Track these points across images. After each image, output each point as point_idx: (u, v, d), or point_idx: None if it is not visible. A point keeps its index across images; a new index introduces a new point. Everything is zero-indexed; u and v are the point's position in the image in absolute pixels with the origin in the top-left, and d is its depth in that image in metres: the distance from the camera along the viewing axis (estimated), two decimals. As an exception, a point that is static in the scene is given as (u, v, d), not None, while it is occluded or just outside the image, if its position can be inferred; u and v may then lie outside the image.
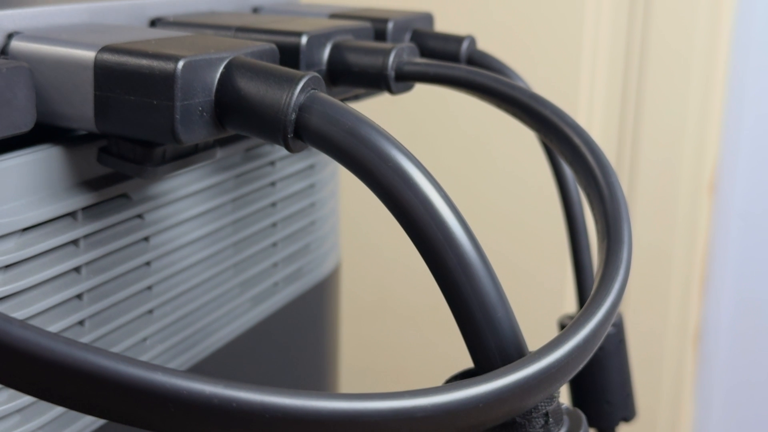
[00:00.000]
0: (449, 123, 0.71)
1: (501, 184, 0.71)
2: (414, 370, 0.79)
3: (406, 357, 0.79)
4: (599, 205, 0.24)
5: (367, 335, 0.79)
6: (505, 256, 0.72)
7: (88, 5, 0.27)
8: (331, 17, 0.33)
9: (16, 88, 0.21)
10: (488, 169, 0.71)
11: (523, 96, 0.26)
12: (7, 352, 0.15)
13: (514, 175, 0.70)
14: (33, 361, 0.15)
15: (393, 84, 0.28)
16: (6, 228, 0.22)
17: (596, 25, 0.66)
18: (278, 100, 0.22)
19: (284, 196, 0.34)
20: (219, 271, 0.31)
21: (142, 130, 0.23)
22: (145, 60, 0.22)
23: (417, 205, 0.21)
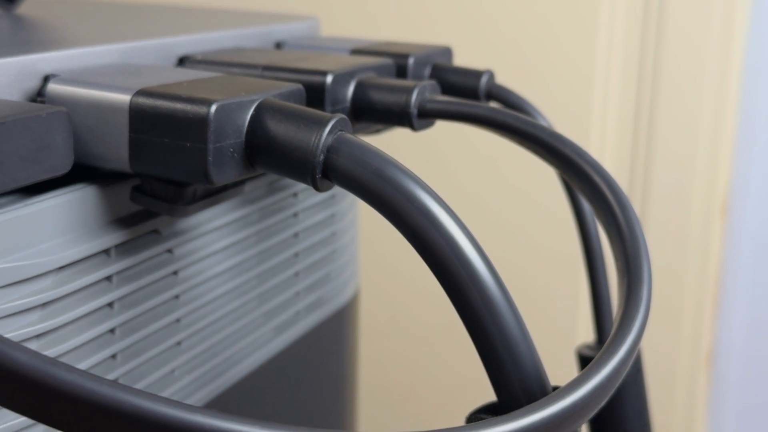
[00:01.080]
0: (462, 142, 0.71)
1: (514, 204, 0.71)
2: (426, 387, 0.79)
3: (419, 374, 0.79)
4: (619, 243, 0.24)
5: (380, 353, 0.79)
6: (519, 276, 0.73)
7: (119, 45, 0.28)
8: (353, 53, 0.34)
9: (56, 133, 0.22)
10: (501, 189, 0.71)
11: (543, 134, 0.27)
12: (56, 396, 0.16)
13: (527, 194, 0.71)
14: (82, 406, 0.16)
15: (416, 121, 0.29)
16: (44, 267, 0.23)
17: (609, 48, 0.66)
18: (307, 141, 0.23)
19: (306, 227, 0.35)
20: (244, 301, 0.32)
21: (175, 171, 0.23)
22: (178, 104, 0.23)
23: (442, 244, 0.22)
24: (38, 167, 0.22)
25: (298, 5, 0.73)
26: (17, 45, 0.27)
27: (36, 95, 0.25)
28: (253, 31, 0.34)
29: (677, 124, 0.68)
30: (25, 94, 0.24)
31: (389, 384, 0.79)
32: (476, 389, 0.76)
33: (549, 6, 0.66)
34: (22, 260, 0.22)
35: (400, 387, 0.80)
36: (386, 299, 0.78)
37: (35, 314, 0.23)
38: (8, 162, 0.21)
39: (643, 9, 0.67)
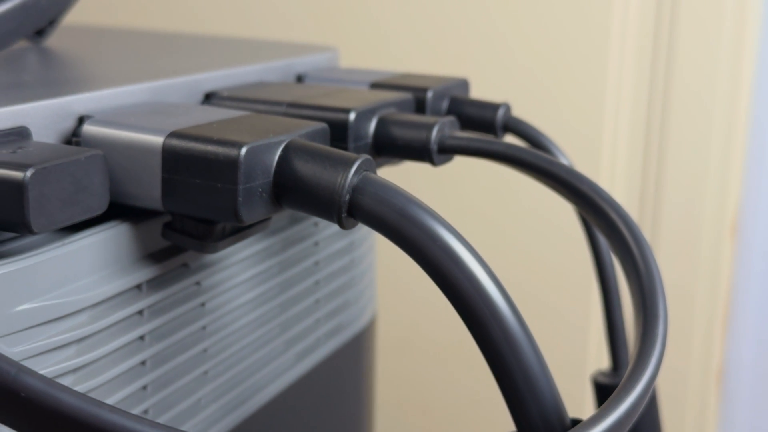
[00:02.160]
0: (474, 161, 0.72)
1: (526, 222, 0.72)
2: (438, 403, 0.80)
3: (431, 391, 0.80)
4: (636, 280, 0.25)
5: (394, 370, 0.80)
6: (531, 293, 0.73)
7: (148, 84, 0.28)
8: (373, 86, 0.35)
9: (93, 175, 0.23)
10: (513, 207, 0.72)
11: (561, 172, 0.28)
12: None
13: (539, 213, 0.71)
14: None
15: (435, 157, 0.30)
16: (81, 303, 0.24)
17: (620, 70, 0.67)
18: (333, 182, 0.24)
19: (326, 255, 0.36)
20: (267, 330, 0.32)
21: (206, 210, 0.24)
22: (210, 146, 0.24)
23: (464, 282, 0.23)
24: (77, 208, 0.23)
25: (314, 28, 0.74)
26: (51, 85, 0.28)
27: (71, 135, 0.25)
28: (275, 64, 0.35)
29: (687, 145, 0.68)
30: (60, 134, 0.25)
31: (402, 400, 0.80)
32: (488, 406, 0.77)
33: (560, 28, 0.67)
34: (60, 297, 0.23)
35: (412, 403, 0.80)
36: (399, 316, 0.79)
37: (72, 349, 0.24)
38: (49, 205, 0.22)
39: (653, 30, 0.67)
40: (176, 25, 0.80)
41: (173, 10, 0.80)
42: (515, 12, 0.68)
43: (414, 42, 0.72)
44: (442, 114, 0.35)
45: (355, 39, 0.73)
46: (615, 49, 0.66)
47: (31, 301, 0.22)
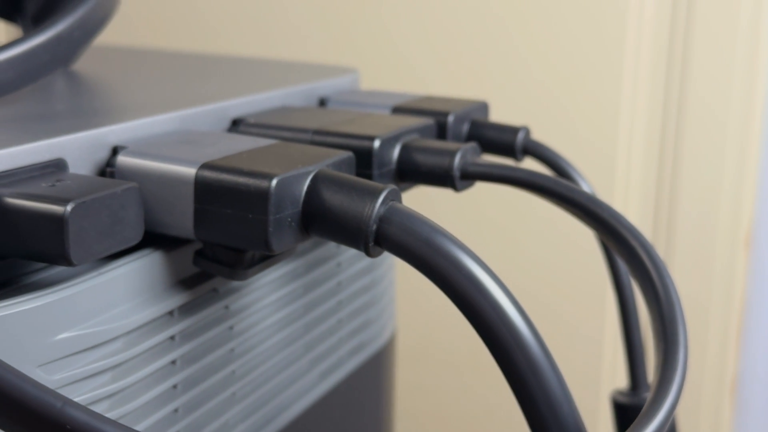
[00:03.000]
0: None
1: (541, 234, 0.73)
2: (453, 412, 0.80)
3: (446, 401, 0.80)
4: (656, 307, 0.26)
5: (408, 379, 0.81)
6: (546, 304, 0.74)
7: (178, 113, 0.29)
8: (395, 111, 0.35)
9: (129, 207, 0.24)
10: (527, 217, 0.73)
11: (581, 198, 0.28)
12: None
13: (554, 224, 0.72)
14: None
15: (458, 183, 0.30)
16: (116, 331, 0.24)
17: (634, 82, 0.67)
18: (360, 212, 0.24)
19: (349, 275, 0.36)
20: (292, 350, 0.33)
21: (237, 240, 0.25)
22: (241, 177, 0.24)
23: (488, 310, 0.23)
24: (113, 240, 0.23)
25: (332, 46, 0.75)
26: (84, 115, 0.29)
27: (105, 165, 0.26)
28: (298, 88, 0.36)
29: (702, 157, 0.69)
30: (95, 165, 0.26)
31: (416, 409, 0.81)
32: (502, 415, 0.77)
33: (575, 44, 0.67)
34: (97, 326, 0.24)
35: (427, 412, 0.81)
36: (413, 326, 0.79)
37: (107, 375, 0.24)
38: (87, 237, 0.22)
39: (667, 44, 0.68)
40: (195, 42, 0.81)
41: (192, 27, 0.81)
42: (530, 26, 0.68)
43: (429, 54, 0.72)
44: (463, 137, 0.36)
45: (372, 53, 0.74)
46: (630, 63, 0.67)
47: (70, 329, 0.23)
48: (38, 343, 0.22)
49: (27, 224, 0.22)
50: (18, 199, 0.22)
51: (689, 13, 0.67)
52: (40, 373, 0.22)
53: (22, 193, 0.22)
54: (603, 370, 0.75)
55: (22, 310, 0.22)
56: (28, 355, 0.22)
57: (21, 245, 0.22)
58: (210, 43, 0.80)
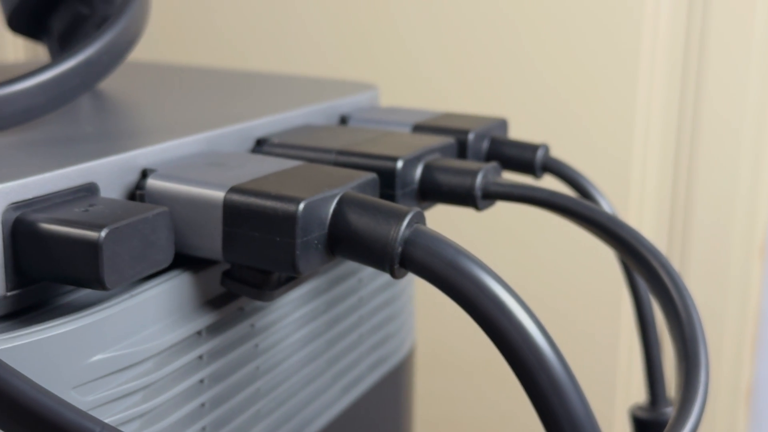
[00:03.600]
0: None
1: (556, 243, 0.73)
2: (466, 419, 0.81)
3: (460, 408, 0.81)
4: (677, 328, 0.26)
5: (422, 386, 0.81)
6: (562, 313, 0.74)
7: (205, 135, 0.30)
8: (415, 129, 0.36)
9: (160, 231, 0.24)
10: (542, 226, 0.73)
11: (602, 219, 0.29)
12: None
13: (568, 232, 0.72)
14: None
15: (479, 202, 0.31)
16: (147, 352, 0.25)
17: (649, 91, 0.68)
18: (386, 234, 0.25)
19: (370, 291, 0.37)
20: (315, 366, 0.33)
21: (264, 262, 0.25)
22: (269, 201, 0.25)
23: (512, 332, 0.24)
24: (145, 263, 0.24)
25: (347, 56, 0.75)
26: (114, 138, 0.29)
27: (135, 188, 0.27)
28: (320, 107, 0.36)
29: (717, 166, 0.69)
30: (125, 188, 0.26)
31: (432, 417, 0.81)
32: (516, 422, 0.77)
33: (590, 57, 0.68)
34: (129, 347, 0.24)
35: (442, 420, 0.81)
36: (429, 335, 0.79)
37: (138, 395, 0.25)
38: (120, 261, 0.23)
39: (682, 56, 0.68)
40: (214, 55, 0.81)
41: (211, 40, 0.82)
42: (544, 35, 0.69)
43: (444, 64, 0.73)
44: (483, 154, 0.36)
45: (388, 65, 0.74)
46: (644, 72, 0.67)
47: (104, 351, 0.24)
48: (73, 366, 0.23)
49: (61, 249, 0.23)
50: (53, 224, 0.23)
51: (704, 22, 0.67)
52: (74, 394, 0.23)
53: (57, 218, 0.23)
54: (618, 378, 0.75)
55: (58, 334, 0.22)
56: (62, 378, 0.23)
57: (55, 269, 0.23)
58: (229, 56, 0.81)
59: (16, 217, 0.23)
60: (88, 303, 0.24)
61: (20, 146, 0.27)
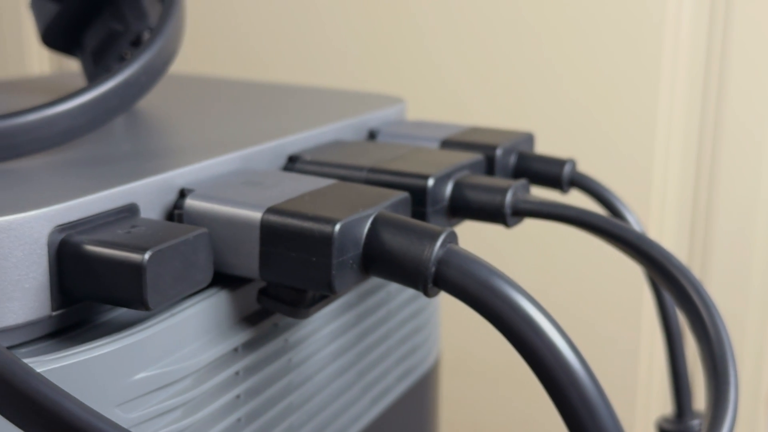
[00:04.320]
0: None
1: (577, 249, 0.73)
2: (489, 425, 0.81)
3: (483, 413, 0.81)
4: (706, 346, 0.26)
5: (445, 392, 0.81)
6: (583, 319, 0.74)
7: (239, 153, 0.30)
8: (443, 144, 0.36)
9: (200, 252, 0.25)
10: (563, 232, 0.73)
11: (631, 237, 0.29)
12: None
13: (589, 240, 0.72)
14: None
15: (509, 219, 0.31)
16: (187, 370, 0.25)
17: (671, 97, 0.68)
18: (419, 254, 0.25)
19: (398, 304, 0.37)
20: (345, 379, 0.34)
21: (300, 281, 0.26)
22: (305, 222, 0.25)
23: (544, 351, 0.24)
24: (186, 284, 0.24)
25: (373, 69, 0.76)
26: (152, 158, 0.30)
27: (173, 208, 0.27)
28: (349, 122, 0.37)
29: (738, 174, 0.69)
30: (164, 208, 0.27)
31: (453, 422, 0.81)
32: (538, 428, 0.78)
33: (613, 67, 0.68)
34: (169, 365, 0.25)
35: (464, 424, 0.82)
36: (451, 340, 0.80)
37: (178, 412, 0.25)
38: (162, 282, 0.23)
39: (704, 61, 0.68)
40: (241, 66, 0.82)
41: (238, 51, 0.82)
42: (565, 43, 0.69)
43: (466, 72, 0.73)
44: (510, 169, 0.36)
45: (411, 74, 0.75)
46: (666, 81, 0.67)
47: (146, 369, 0.24)
48: (117, 384, 0.23)
49: (106, 271, 0.23)
50: (97, 246, 0.23)
51: (726, 31, 0.67)
52: (118, 412, 0.24)
53: (101, 240, 0.24)
54: (638, 383, 0.75)
55: (104, 353, 0.23)
56: (107, 396, 0.23)
57: (99, 290, 0.24)
58: (253, 67, 0.81)
59: (61, 239, 0.24)
60: (128, 321, 0.25)
61: (62, 167, 0.28)
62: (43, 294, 0.23)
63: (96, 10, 0.37)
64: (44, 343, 0.24)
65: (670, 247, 0.71)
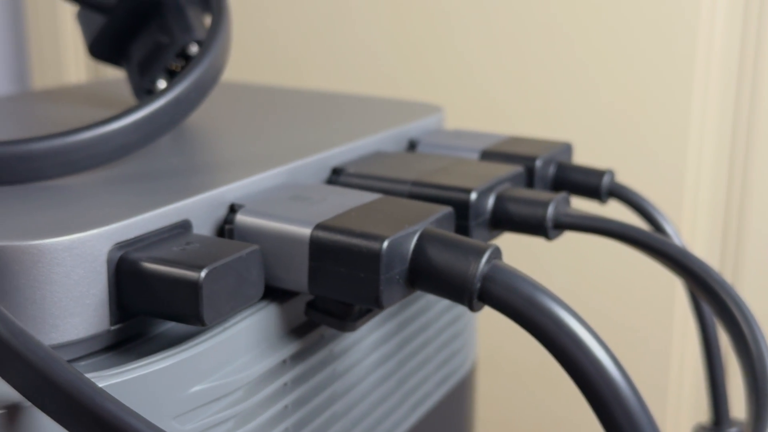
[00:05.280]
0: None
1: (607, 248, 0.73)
2: (521, 424, 0.81)
3: (514, 411, 0.82)
4: (747, 361, 0.27)
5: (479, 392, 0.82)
6: (614, 319, 0.75)
7: (286, 167, 0.31)
8: (483, 156, 0.37)
9: (252, 268, 0.25)
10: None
11: (673, 252, 0.29)
12: None
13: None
14: None
15: (551, 233, 0.32)
16: (239, 382, 0.26)
17: (704, 102, 0.68)
18: (465, 270, 0.26)
19: (437, 311, 0.38)
20: (387, 387, 0.35)
21: (348, 296, 0.27)
22: (354, 239, 0.26)
23: (588, 366, 0.25)
24: (239, 299, 0.25)
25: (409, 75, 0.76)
26: (202, 172, 0.30)
27: (223, 223, 0.28)
28: (390, 133, 0.37)
29: (772, 175, 0.69)
30: (214, 223, 0.28)
31: (485, 420, 0.82)
32: (570, 427, 0.78)
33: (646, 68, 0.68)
34: (223, 378, 0.26)
35: (496, 423, 0.82)
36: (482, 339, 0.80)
37: (230, 423, 0.26)
38: (217, 299, 0.24)
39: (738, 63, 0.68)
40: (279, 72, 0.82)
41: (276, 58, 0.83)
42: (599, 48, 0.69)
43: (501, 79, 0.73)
44: (549, 180, 0.37)
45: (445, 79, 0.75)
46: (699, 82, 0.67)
47: (201, 382, 0.25)
48: (174, 397, 0.24)
49: (163, 287, 0.24)
50: (154, 264, 0.24)
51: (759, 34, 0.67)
52: (175, 424, 0.24)
53: (158, 258, 0.24)
54: (670, 382, 0.75)
55: (162, 367, 0.24)
56: (164, 409, 0.24)
57: (156, 306, 0.24)
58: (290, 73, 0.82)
59: (120, 256, 0.24)
60: (180, 334, 0.26)
61: (115, 182, 0.28)
62: (103, 309, 0.24)
63: (142, 22, 0.38)
64: (101, 357, 0.25)
65: (703, 250, 0.71)
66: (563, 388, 0.79)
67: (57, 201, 0.26)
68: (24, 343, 0.20)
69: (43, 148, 0.27)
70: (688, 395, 0.77)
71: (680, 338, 0.75)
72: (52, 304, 0.23)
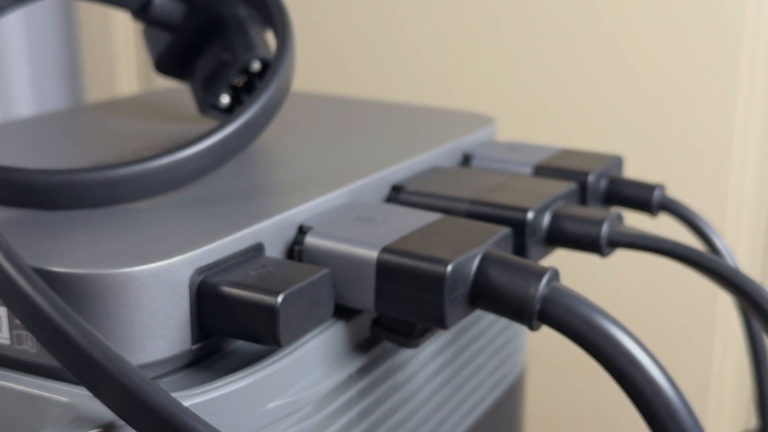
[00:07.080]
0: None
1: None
2: (564, 415, 0.83)
3: (556, 403, 0.83)
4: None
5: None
6: (657, 313, 0.75)
7: (349, 187, 0.32)
8: (537, 171, 0.38)
9: (323, 290, 0.27)
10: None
11: (725, 271, 0.30)
12: None
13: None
14: None
15: (605, 250, 0.33)
16: (311, 397, 0.28)
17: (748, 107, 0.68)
18: (525, 292, 0.27)
19: (490, 319, 0.39)
20: (443, 394, 0.36)
21: (413, 316, 0.28)
22: (419, 262, 0.27)
23: (644, 386, 0.26)
24: (311, 321, 0.26)
25: (461, 84, 0.77)
26: (270, 194, 0.32)
27: (293, 244, 0.29)
28: (445, 148, 0.38)
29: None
30: (284, 244, 0.29)
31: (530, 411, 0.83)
32: (609, 417, 0.79)
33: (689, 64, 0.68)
34: (296, 394, 0.27)
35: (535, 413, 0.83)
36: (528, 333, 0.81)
37: (302, 436, 0.28)
38: (292, 321, 0.26)
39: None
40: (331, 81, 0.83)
41: (329, 67, 0.84)
42: (646, 49, 0.70)
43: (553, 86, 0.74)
44: (601, 194, 0.38)
45: (496, 87, 0.76)
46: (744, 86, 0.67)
47: (277, 399, 0.26)
48: (252, 414, 0.26)
49: (241, 310, 0.25)
50: (233, 288, 0.26)
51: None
52: (252, 439, 0.26)
53: (236, 282, 0.26)
54: (712, 377, 0.76)
55: (243, 386, 0.25)
56: (242, 425, 0.26)
57: (234, 327, 0.26)
58: (342, 81, 0.83)
59: (200, 280, 0.26)
60: (253, 352, 0.27)
61: (190, 205, 0.30)
62: (185, 330, 0.26)
63: (206, 40, 0.40)
64: (181, 374, 0.26)
65: (744, 257, 0.72)
66: (603, 379, 0.80)
67: (138, 225, 0.28)
68: (120, 368, 0.22)
69: (124, 174, 0.29)
70: (730, 388, 0.77)
71: (722, 334, 0.75)
72: (140, 326, 0.25)
